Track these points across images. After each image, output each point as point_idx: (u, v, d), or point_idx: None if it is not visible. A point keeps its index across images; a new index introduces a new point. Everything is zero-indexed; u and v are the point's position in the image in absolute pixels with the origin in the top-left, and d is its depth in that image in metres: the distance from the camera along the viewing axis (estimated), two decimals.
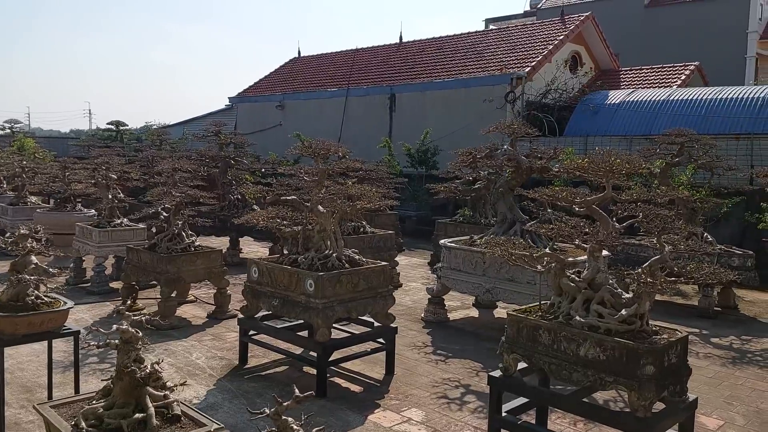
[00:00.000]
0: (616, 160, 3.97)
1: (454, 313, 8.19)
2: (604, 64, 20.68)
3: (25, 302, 4.10)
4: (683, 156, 9.49)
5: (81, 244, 9.11)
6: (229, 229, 11.55)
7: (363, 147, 17.30)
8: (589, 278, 3.90)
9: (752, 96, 14.86)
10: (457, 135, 16.74)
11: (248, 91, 26.99)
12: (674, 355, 3.62)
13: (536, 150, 7.70)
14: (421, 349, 6.71)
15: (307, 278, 5.39)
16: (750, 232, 11.04)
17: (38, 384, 5.32)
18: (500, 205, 7.48)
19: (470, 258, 7.17)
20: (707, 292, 8.46)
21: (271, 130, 23.81)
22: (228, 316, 7.67)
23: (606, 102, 17.08)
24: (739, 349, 7.07)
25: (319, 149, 6.51)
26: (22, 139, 20.39)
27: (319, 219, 5.76)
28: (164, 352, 6.33)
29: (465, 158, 9.62)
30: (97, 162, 9.87)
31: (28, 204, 12.04)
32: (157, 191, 7.91)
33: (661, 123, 14.65)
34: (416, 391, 5.49)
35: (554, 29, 19.66)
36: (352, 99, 21.69)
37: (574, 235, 4.06)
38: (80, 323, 7.05)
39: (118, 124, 21.12)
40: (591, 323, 3.66)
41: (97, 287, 8.74)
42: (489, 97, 17.39)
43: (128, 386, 2.67)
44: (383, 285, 5.83)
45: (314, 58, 27.13)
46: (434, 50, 22.11)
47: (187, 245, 7.53)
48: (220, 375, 5.76)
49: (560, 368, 3.72)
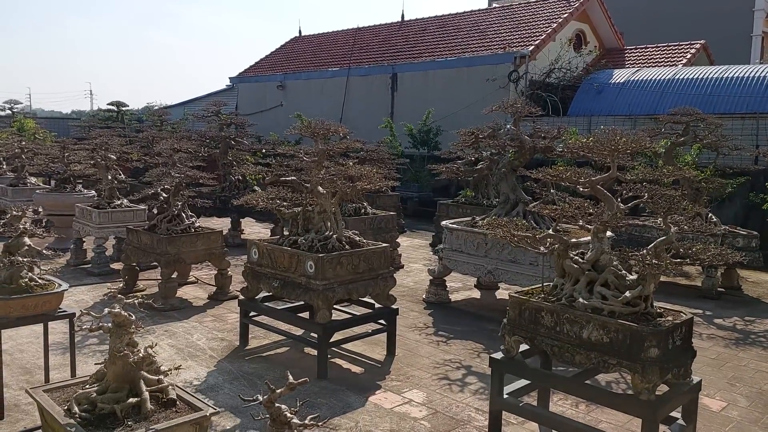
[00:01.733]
0: (622, 139, 3.88)
1: (456, 295, 8.15)
2: (609, 42, 20.41)
3: (19, 284, 4.05)
4: (688, 136, 9.35)
5: (81, 225, 9.07)
6: (230, 210, 11.49)
7: (364, 127, 17.17)
8: (592, 259, 3.83)
9: (758, 75, 14.66)
10: (460, 115, 16.59)
11: (249, 71, 26.76)
12: (679, 338, 3.57)
13: (540, 130, 7.58)
14: (422, 330, 6.68)
15: (307, 259, 5.34)
16: (754, 212, 10.94)
17: (38, 366, 5.30)
18: (503, 186, 7.40)
19: (472, 239, 7.11)
20: (711, 273, 8.41)
21: (272, 111, 23.65)
22: (229, 297, 7.65)
23: (610, 81, 16.87)
24: (742, 330, 7.03)
25: (319, 129, 6.42)
26: (21, 119, 20.29)
27: (319, 200, 5.70)
28: (165, 333, 6.32)
29: (467, 138, 9.53)
30: (96, 143, 9.80)
31: (28, 185, 11.99)
32: (157, 172, 7.84)
33: (666, 102, 14.47)
34: (417, 373, 5.47)
35: (558, 7, 19.37)
36: (353, 79, 21.48)
37: (578, 215, 3.98)
38: (81, 305, 7.04)
39: (119, 104, 20.98)
40: (594, 305, 3.60)
41: (98, 268, 8.72)
42: (492, 76, 17.19)
43: (121, 370, 2.62)
44: (384, 266, 5.78)
45: (315, 38, 26.84)
46: (436, 29, 21.84)
47: (187, 226, 7.48)
48: (221, 356, 5.74)
49: (563, 350, 3.67)
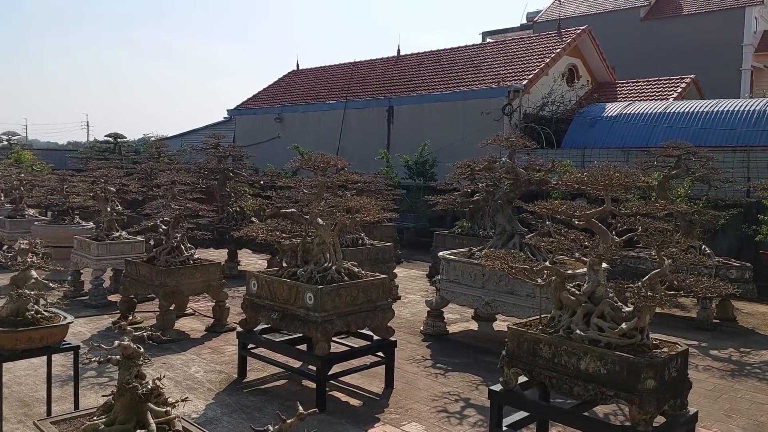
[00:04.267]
0: (615, 174, 3.99)
1: (454, 326, 8.17)
2: (601, 76, 20.81)
3: (25, 317, 4.10)
4: (680, 168, 9.52)
5: (79, 257, 9.10)
6: (228, 242, 11.54)
7: (361, 159, 17.35)
8: (589, 291, 3.91)
9: (748, 109, 14.96)
10: (455, 147, 16.80)
11: (247, 103, 27.08)
12: (675, 369, 3.63)
13: (534, 162, 7.72)
14: (420, 363, 6.69)
15: (306, 291, 5.38)
16: (747, 244, 11.07)
17: (36, 399, 5.29)
18: (499, 217, 7.50)
19: (469, 270, 7.18)
20: (706, 305, 8.47)
21: (269, 143, 23.87)
22: (227, 329, 7.65)
23: (603, 114, 17.16)
24: (738, 361, 7.07)
25: (318, 162, 6.53)
26: (19, 151, 20.41)
27: (319, 231, 5.77)
28: (163, 365, 6.31)
29: (463, 170, 9.68)
30: (95, 174, 9.88)
31: (26, 217, 12.03)
32: (156, 204, 7.91)
33: (658, 135, 14.71)
34: (416, 405, 5.47)
35: (551, 42, 19.80)
36: (350, 111, 21.77)
37: (574, 248, 4.07)
38: (78, 337, 7.04)
39: (116, 136, 21.19)
40: (591, 337, 3.67)
41: (95, 300, 8.71)
42: (486, 109, 17.48)
43: (130, 402, 2.66)
44: (382, 298, 5.83)
45: (313, 71, 27.25)
46: (432, 63, 22.24)
47: (185, 258, 7.52)
48: (219, 389, 5.74)
49: (561, 382, 3.71)
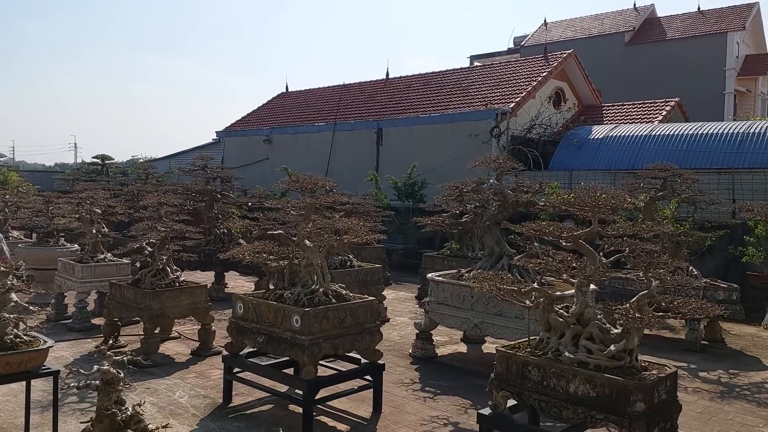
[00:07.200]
0: (602, 196, 4.00)
1: (442, 349, 8.11)
2: (587, 99, 21.07)
3: (4, 341, 4.00)
4: (666, 190, 9.60)
5: (63, 280, 8.96)
6: (215, 264, 11.43)
7: (350, 181, 17.36)
8: (577, 313, 3.89)
9: (732, 131, 15.18)
10: (444, 168, 16.87)
11: (235, 125, 27.11)
12: (664, 391, 3.60)
13: (522, 184, 7.74)
14: (409, 386, 6.61)
15: (293, 314, 5.32)
16: (734, 265, 11.13)
17: (14, 425, 5.15)
18: (487, 239, 7.49)
19: (458, 292, 7.14)
20: (694, 326, 8.47)
21: (258, 164, 23.86)
22: (212, 352, 7.53)
23: (589, 137, 17.34)
24: (727, 383, 7.05)
25: (306, 183, 6.51)
26: (5, 172, 20.26)
27: (306, 253, 5.72)
28: (146, 390, 6.18)
29: (452, 192, 9.67)
30: (81, 196, 9.79)
31: (10, 238, 11.88)
32: (142, 225, 7.83)
33: (644, 157, 14.86)
34: (404, 430, 5.39)
35: (538, 66, 20.07)
36: (339, 133, 21.84)
37: (562, 269, 4.06)
38: (60, 361, 6.90)
39: (104, 157, 21.03)
40: (580, 359, 3.64)
41: (79, 323, 8.56)
42: (474, 131, 17.62)
43: (109, 429, 2.58)
44: (370, 320, 5.77)
45: (302, 93, 27.39)
46: (420, 86, 22.44)
47: (171, 280, 7.43)
48: (204, 414, 5.63)
49: (550, 405, 3.67)
